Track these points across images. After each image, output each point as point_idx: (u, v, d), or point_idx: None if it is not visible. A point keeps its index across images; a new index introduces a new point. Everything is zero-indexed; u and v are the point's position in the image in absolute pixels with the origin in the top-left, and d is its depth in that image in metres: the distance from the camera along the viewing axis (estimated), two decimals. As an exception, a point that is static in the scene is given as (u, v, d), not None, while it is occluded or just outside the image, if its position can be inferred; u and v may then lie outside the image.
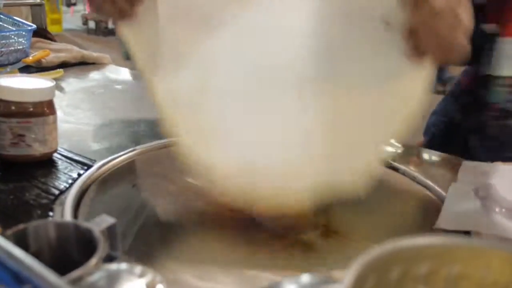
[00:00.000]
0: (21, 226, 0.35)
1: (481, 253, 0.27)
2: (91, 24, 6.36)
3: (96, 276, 0.30)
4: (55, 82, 0.65)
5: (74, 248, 0.36)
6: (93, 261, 0.33)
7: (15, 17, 1.27)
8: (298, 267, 0.48)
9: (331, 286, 0.27)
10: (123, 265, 0.31)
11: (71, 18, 6.57)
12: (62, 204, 0.54)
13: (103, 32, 6.20)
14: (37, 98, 0.63)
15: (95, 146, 0.74)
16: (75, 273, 0.30)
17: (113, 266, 0.31)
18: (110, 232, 0.37)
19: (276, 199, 0.49)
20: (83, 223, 0.36)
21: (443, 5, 0.45)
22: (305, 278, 0.30)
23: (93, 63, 1.30)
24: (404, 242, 0.26)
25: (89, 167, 0.65)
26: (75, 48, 1.35)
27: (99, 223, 0.37)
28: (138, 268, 0.31)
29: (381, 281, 0.26)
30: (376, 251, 0.25)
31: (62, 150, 0.69)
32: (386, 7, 0.48)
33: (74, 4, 6.95)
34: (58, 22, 6.18)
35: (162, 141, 0.75)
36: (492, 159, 0.78)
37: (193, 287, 0.44)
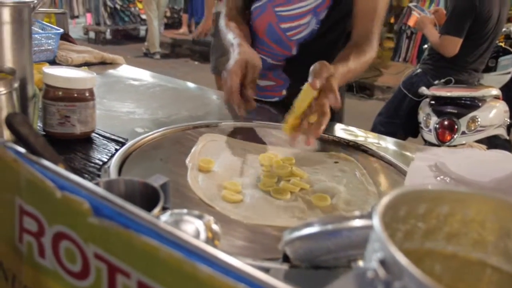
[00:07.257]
0: (94, 181, 0.36)
1: (464, 197, 0.29)
2: (91, 34, 6.27)
3: (165, 218, 0.32)
4: (95, 74, 0.65)
5: (137, 200, 0.37)
6: (157, 209, 0.34)
7: (44, 22, 1.25)
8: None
9: (354, 221, 0.29)
10: (184, 210, 0.33)
11: (74, 29, 6.39)
12: (107, 171, 0.55)
13: (102, 41, 6.13)
14: (81, 86, 0.63)
15: (125, 128, 0.74)
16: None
17: (176, 210, 0.33)
18: (164, 188, 0.38)
19: None
20: (145, 180, 0.37)
21: None
22: (328, 217, 0.32)
23: (111, 63, 1.28)
24: (409, 188, 0.28)
25: (123, 144, 0.65)
26: (95, 50, 1.33)
27: (156, 180, 0.38)
28: (195, 212, 0.33)
29: (394, 218, 0.28)
30: (393, 193, 0.27)
31: (98, 130, 0.69)
32: None
33: (77, 17, 6.88)
34: (63, 32, 6.00)
35: (179, 125, 0.76)
36: None
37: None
